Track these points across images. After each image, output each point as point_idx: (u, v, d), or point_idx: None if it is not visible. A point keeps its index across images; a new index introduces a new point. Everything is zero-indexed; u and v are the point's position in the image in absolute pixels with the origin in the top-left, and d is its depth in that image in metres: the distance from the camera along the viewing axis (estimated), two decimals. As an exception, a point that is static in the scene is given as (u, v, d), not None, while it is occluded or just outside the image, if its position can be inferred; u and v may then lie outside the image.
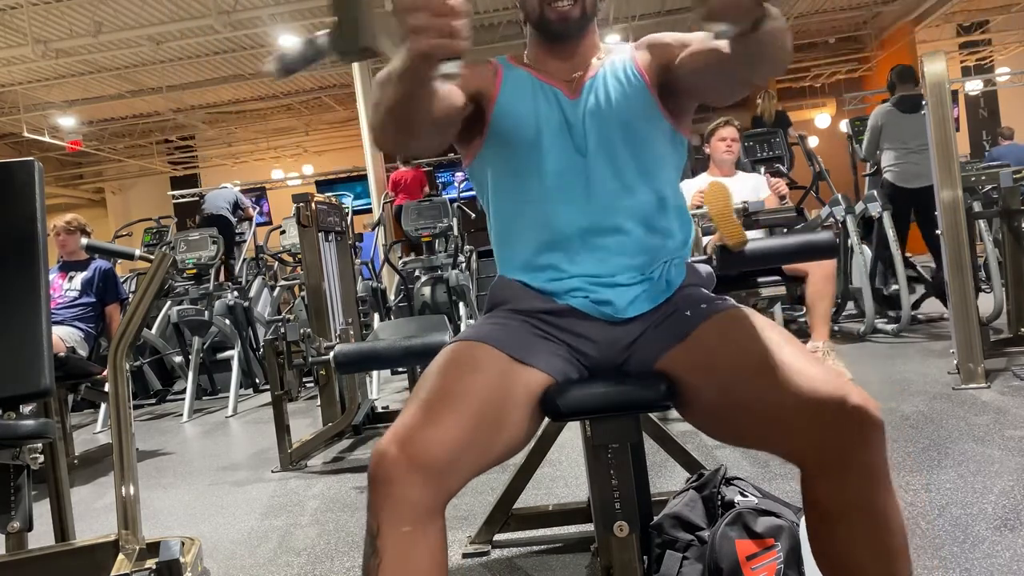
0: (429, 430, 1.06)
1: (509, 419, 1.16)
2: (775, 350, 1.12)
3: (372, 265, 6.77)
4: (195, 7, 9.26)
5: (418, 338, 3.29)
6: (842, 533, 1.04)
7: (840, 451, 1.02)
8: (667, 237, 1.36)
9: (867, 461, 1.02)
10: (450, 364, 1.19)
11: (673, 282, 1.34)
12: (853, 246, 4.98)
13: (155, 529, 2.67)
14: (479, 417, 1.11)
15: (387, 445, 1.05)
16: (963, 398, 3.15)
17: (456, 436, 1.07)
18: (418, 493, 1.03)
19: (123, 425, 1.79)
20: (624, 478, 1.31)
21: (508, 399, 1.17)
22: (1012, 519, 1.91)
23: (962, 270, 3.35)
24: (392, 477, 1.03)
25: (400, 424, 1.08)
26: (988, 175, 4.09)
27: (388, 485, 1.03)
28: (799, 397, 1.05)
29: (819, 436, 1.03)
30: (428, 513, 1.04)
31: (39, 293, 1.80)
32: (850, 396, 1.02)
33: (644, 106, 1.34)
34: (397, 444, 1.05)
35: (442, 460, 1.05)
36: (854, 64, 14.22)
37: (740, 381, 1.13)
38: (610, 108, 1.33)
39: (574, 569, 1.93)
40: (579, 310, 1.31)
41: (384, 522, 1.03)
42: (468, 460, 1.09)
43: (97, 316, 4.37)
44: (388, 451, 1.04)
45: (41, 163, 1.94)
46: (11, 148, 14.56)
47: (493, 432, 1.13)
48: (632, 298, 1.30)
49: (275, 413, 3.37)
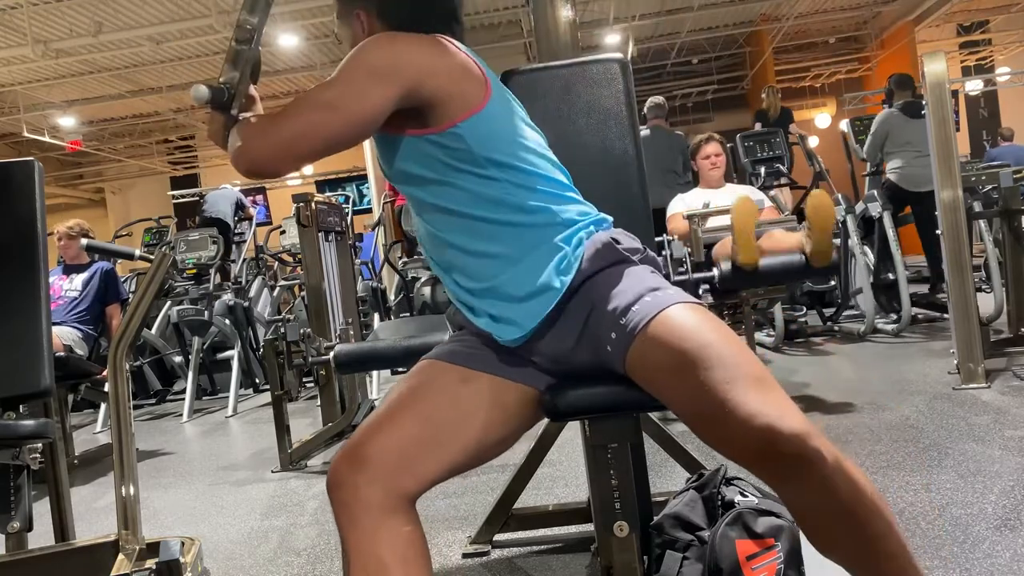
0: (370, 437, 1.15)
1: (469, 422, 1.19)
2: (709, 375, 1.04)
3: (372, 265, 6.77)
4: (195, 7, 9.26)
5: (418, 338, 3.29)
6: (820, 530, 1.07)
7: (783, 476, 1.03)
8: (487, 252, 1.24)
9: (812, 481, 1.00)
10: (402, 383, 1.25)
11: (561, 282, 1.21)
12: (853, 246, 4.98)
13: (155, 529, 2.67)
14: (425, 421, 1.17)
15: (336, 458, 1.15)
16: (963, 398, 3.15)
17: (399, 437, 1.15)
18: (365, 492, 1.10)
19: (123, 425, 1.79)
20: (624, 478, 1.31)
21: (463, 402, 1.20)
22: (1012, 519, 1.91)
23: (962, 270, 3.35)
24: (339, 482, 1.12)
25: (349, 439, 1.17)
26: (988, 175, 4.09)
27: (338, 490, 1.12)
28: (730, 432, 1.02)
29: (760, 465, 1.04)
30: (382, 510, 1.10)
31: (39, 293, 1.80)
32: (781, 428, 0.98)
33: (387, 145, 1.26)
34: (342, 453, 1.15)
35: (385, 460, 1.12)
36: (854, 64, 14.21)
37: (678, 401, 1.11)
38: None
39: (574, 569, 1.93)
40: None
41: (343, 526, 1.11)
42: (421, 460, 1.15)
43: (96, 317, 4.37)
44: (336, 463, 1.14)
45: (41, 163, 1.94)
46: (11, 148, 14.55)
47: (448, 434, 1.18)
48: (508, 317, 1.23)
49: (275, 413, 3.37)
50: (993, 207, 4.41)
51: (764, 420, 0.99)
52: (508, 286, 1.23)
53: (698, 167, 4.21)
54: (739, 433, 1.01)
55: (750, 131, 6.10)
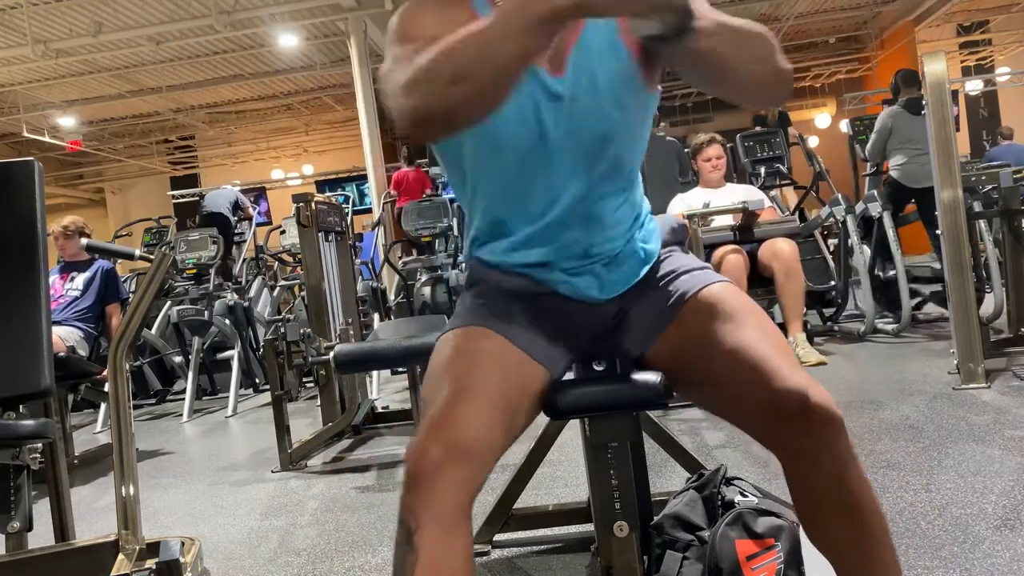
0: (463, 418, 1.04)
1: (521, 407, 1.16)
2: (749, 338, 1.13)
3: (372, 265, 6.77)
4: (195, 7, 9.26)
5: (418, 338, 3.30)
6: (820, 516, 1.09)
7: (803, 445, 1.06)
8: (634, 206, 1.29)
9: (831, 454, 1.05)
10: (459, 355, 1.16)
11: (650, 250, 1.29)
12: (853, 246, 4.98)
13: (155, 529, 2.67)
14: (502, 405, 1.10)
15: (424, 442, 1.02)
16: (963, 398, 3.15)
17: (487, 422, 1.05)
18: (456, 489, 1.00)
19: (123, 425, 1.79)
20: (624, 478, 1.31)
21: (519, 386, 1.16)
22: (1012, 519, 1.91)
23: (962, 270, 3.35)
24: (432, 473, 1.00)
25: (432, 419, 1.05)
26: (988, 175, 4.09)
27: (429, 481, 1.00)
28: (764, 390, 1.07)
29: (782, 430, 1.07)
30: (463, 510, 1.02)
31: (39, 293, 1.80)
32: (811, 394, 1.04)
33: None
34: (434, 437, 1.02)
35: (481, 446, 1.03)
36: (854, 64, 14.23)
37: (715, 362, 1.15)
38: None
39: (574, 569, 1.93)
40: (561, 293, 1.26)
41: (424, 521, 1.00)
42: (497, 449, 1.07)
43: (98, 316, 4.36)
44: (428, 448, 1.01)
45: (41, 163, 1.94)
46: (11, 148, 14.56)
47: (513, 419, 1.13)
48: (612, 278, 1.26)
49: (275, 413, 3.37)
50: (993, 207, 4.41)
51: (802, 382, 1.06)
52: (625, 244, 1.27)
53: (699, 168, 4.23)
54: (778, 391, 1.06)
55: (750, 131, 6.11)
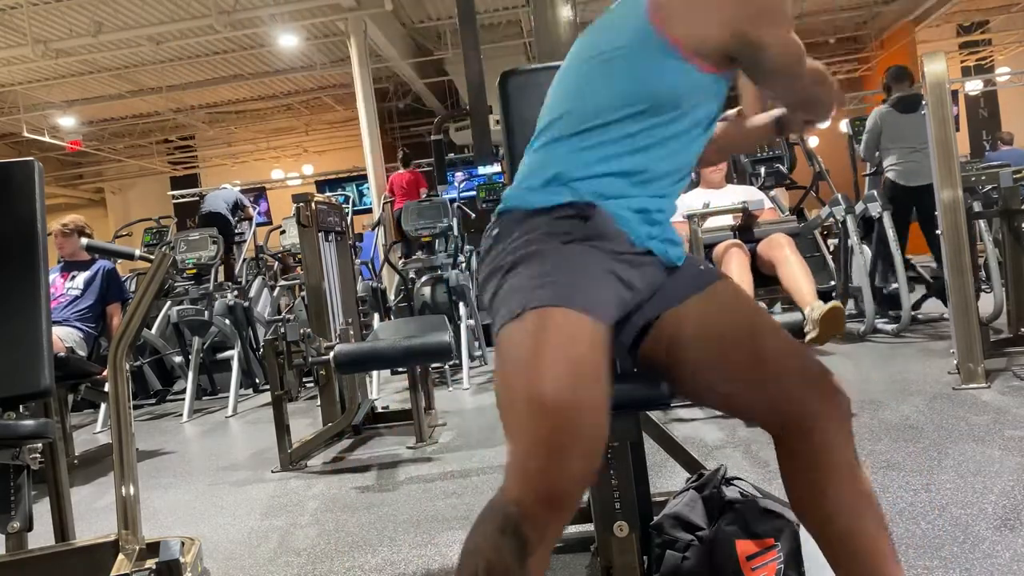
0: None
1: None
2: (765, 320, 1.26)
3: (372, 265, 6.77)
4: (195, 7, 9.26)
5: (418, 338, 3.30)
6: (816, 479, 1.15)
7: (814, 409, 1.15)
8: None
9: (837, 423, 1.16)
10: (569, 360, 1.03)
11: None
12: (853, 246, 4.98)
13: (155, 529, 2.67)
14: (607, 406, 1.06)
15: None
16: (963, 398, 3.15)
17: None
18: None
19: (123, 425, 1.79)
20: (624, 478, 1.31)
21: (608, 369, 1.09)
22: (1012, 519, 1.91)
23: (962, 270, 3.35)
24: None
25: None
26: (988, 175, 4.09)
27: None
28: (789, 356, 1.18)
29: (797, 389, 1.15)
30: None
31: (39, 293, 1.80)
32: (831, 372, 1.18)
33: None
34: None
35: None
36: (854, 64, 14.23)
37: (737, 339, 1.22)
38: None
39: (574, 569, 1.93)
40: (654, 254, 1.25)
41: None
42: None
43: (98, 316, 4.36)
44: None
45: (41, 163, 1.94)
46: (11, 148, 14.57)
47: None
48: (676, 251, 1.30)
49: (275, 413, 3.37)
50: (993, 207, 4.41)
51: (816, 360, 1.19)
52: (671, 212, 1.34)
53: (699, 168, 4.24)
54: (806, 356, 1.19)
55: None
